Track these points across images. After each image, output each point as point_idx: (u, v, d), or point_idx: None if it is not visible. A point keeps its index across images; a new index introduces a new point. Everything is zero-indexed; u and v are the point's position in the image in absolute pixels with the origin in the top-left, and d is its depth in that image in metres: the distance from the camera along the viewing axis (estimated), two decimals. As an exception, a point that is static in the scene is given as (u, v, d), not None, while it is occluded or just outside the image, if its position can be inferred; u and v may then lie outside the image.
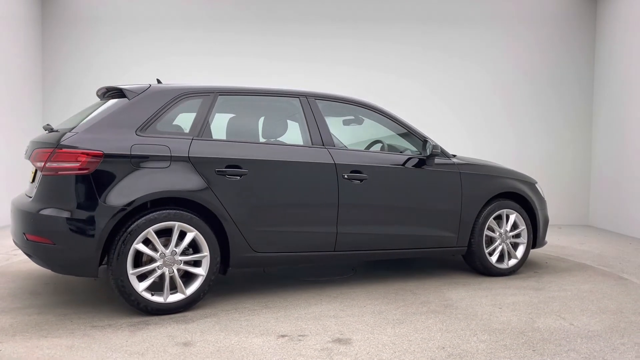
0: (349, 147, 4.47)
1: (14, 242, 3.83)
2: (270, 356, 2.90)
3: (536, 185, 5.26)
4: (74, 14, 8.52)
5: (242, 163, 3.84)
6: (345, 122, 5.10)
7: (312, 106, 4.29)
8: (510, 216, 4.94)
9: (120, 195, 3.47)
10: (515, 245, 5.04)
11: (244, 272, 4.91)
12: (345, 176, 4.17)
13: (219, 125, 4.62)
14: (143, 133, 3.66)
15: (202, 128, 3.86)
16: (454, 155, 5.08)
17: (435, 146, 4.48)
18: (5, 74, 7.61)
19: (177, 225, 3.61)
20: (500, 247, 4.90)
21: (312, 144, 4.19)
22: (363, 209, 4.29)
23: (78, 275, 3.55)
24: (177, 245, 3.62)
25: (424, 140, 4.55)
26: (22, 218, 3.56)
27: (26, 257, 4.00)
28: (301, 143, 4.26)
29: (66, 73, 8.52)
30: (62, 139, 3.51)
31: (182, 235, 3.65)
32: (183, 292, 3.64)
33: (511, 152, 8.60)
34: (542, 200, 5.23)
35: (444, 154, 4.73)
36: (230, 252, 3.82)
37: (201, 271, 3.70)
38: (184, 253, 3.68)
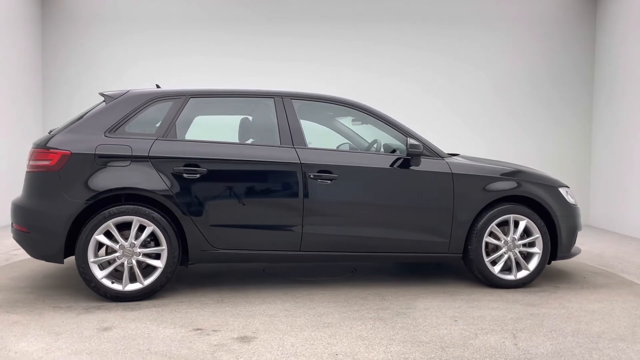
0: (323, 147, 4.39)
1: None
2: (162, 346, 3.02)
3: (560, 189, 4.66)
4: (74, 14, 8.52)
5: (200, 162, 4.01)
6: (355, 122, 5.02)
7: (286, 106, 4.31)
8: (520, 222, 4.46)
9: (82, 190, 3.84)
10: (529, 256, 4.53)
11: (237, 267, 5.06)
12: (312, 175, 4.12)
13: (214, 126, 4.87)
14: (111, 134, 4.00)
15: (168, 129, 4.09)
16: (456, 154, 4.74)
17: (414, 145, 4.22)
18: (5, 75, 7.56)
19: (135, 220, 3.88)
20: (505, 257, 4.45)
21: (281, 144, 4.21)
22: (332, 209, 4.20)
23: (48, 261, 3.97)
24: (137, 238, 3.90)
25: (406, 139, 4.32)
26: (11, 209, 4.09)
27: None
28: (274, 143, 4.29)
29: (66, 73, 8.52)
30: (45, 140, 3.98)
31: (144, 229, 3.92)
32: (141, 282, 3.91)
33: (511, 152, 8.40)
34: (566, 205, 4.62)
35: (435, 153, 4.43)
36: (188, 247, 4.00)
37: (159, 264, 3.93)
38: (145, 246, 3.95)
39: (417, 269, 5.20)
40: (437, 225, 4.34)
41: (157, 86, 4.60)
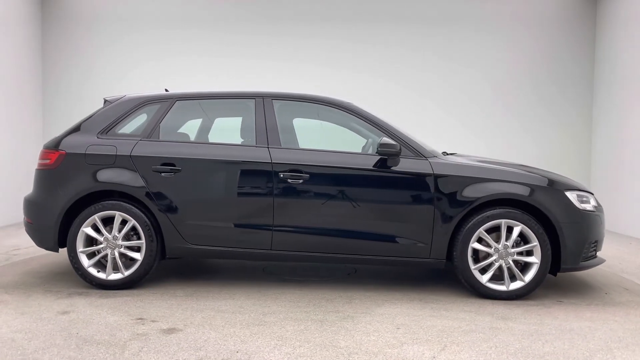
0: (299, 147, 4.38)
1: None
2: (91, 331, 3.25)
3: (567, 192, 4.16)
4: (74, 15, 8.58)
5: (175, 161, 4.22)
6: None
7: (265, 107, 4.38)
8: (515, 228, 4.08)
9: (72, 187, 4.24)
10: (527, 266, 4.13)
11: (235, 264, 5.21)
12: (282, 175, 4.14)
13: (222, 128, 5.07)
14: (103, 135, 4.36)
15: (152, 130, 4.36)
16: (452, 154, 4.46)
17: (387, 144, 4.05)
18: (4, 76, 7.59)
19: (117, 215, 4.20)
20: (496, 265, 4.10)
21: (257, 144, 4.28)
22: (302, 209, 4.18)
23: (46, 249, 4.42)
24: (120, 231, 4.22)
25: (381, 138, 4.16)
26: (23, 204, 4.62)
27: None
28: (252, 143, 4.38)
29: (67, 75, 8.58)
30: (49, 141, 4.47)
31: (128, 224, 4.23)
32: (122, 273, 4.21)
33: (511, 152, 8.38)
34: (574, 211, 4.10)
35: (418, 152, 4.20)
36: (164, 242, 4.23)
37: (138, 256, 4.21)
38: (129, 239, 4.25)
39: (420, 274, 4.97)
40: (415, 228, 4.13)
41: (166, 90, 4.90)
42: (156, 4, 8.72)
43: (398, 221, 4.15)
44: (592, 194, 4.46)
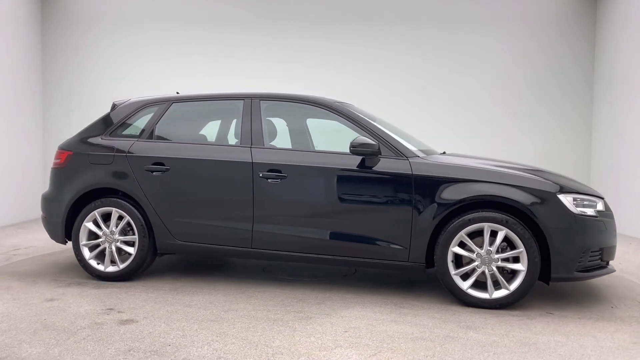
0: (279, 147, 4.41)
1: None
2: (58, 318, 3.50)
3: (560, 195, 3.82)
4: (74, 15, 8.54)
5: (164, 161, 4.42)
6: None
7: (252, 107, 4.45)
8: (499, 232, 3.83)
9: (75, 184, 4.58)
10: (514, 273, 3.87)
11: (237, 262, 5.34)
12: (261, 174, 4.19)
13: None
14: (106, 137, 4.67)
15: (149, 131, 4.60)
16: (443, 153, 4.31)
17: (363, 144, 3.96)
18: (4, 75, 7.55)
19: (114, 211, 4.49)
20: (479, 271, 3.87)
21: (242, 144, 4.37)
22: (280, 208, 4.20)
23: (56, 242, 4.79)
24: (117, 227, 4.50)
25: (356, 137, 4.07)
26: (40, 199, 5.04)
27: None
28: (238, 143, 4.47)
29: (67, 75, 8.54)
30: (63, 142, 4.87)
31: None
32: (118, 266, 4.49)
33: (510, 152, 8.15)
34: (567, 215, 3.77)
35: (399, 152, 4.07)
36: (154, 237, 4.44)
37: (132, 250, 4.47)
38: (126, 234, 4.53)
39: (417, 278, 4.79)
40: (393, 231, 4.01)
41: (177, 93, 5.13)
42: (156, 4, 8.65)
43: (376, 223, 4.05)
44: (602, 198, 4.08)
